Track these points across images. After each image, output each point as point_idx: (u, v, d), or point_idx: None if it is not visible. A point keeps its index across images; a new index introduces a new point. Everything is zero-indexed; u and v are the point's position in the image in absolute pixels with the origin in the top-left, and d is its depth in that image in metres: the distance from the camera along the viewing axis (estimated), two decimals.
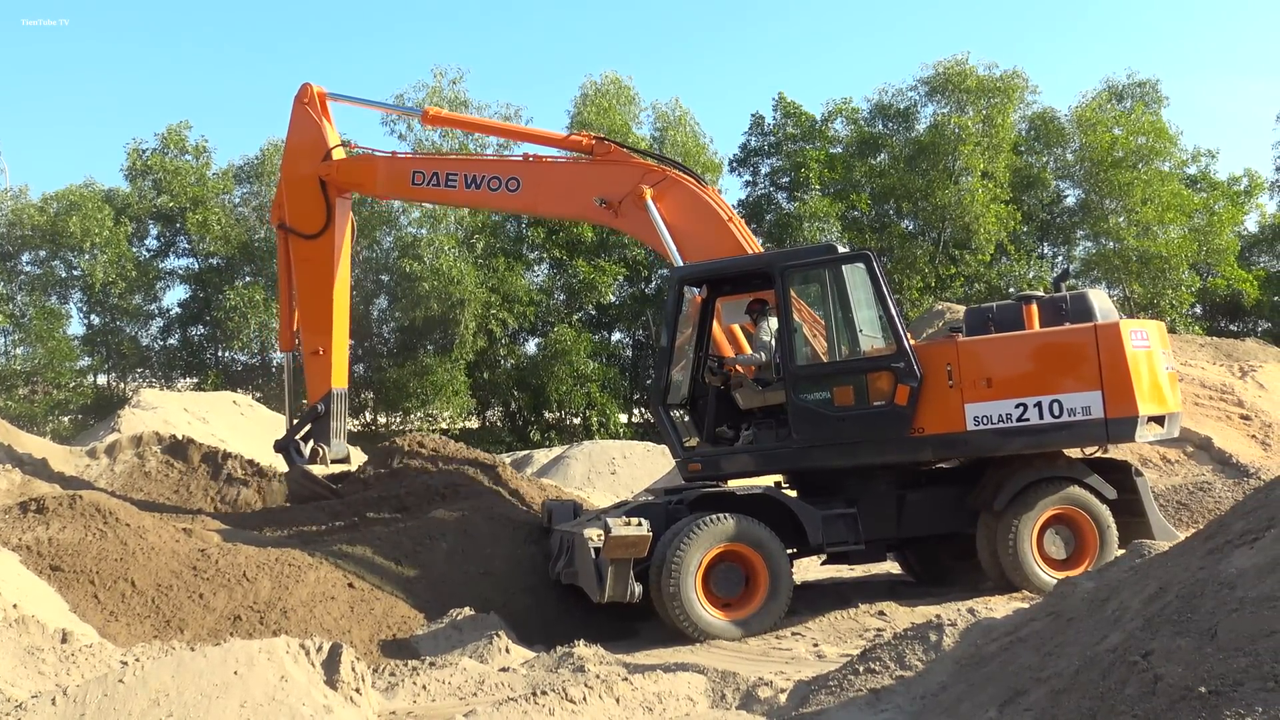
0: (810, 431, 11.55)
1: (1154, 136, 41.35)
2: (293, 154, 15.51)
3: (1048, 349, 11.18)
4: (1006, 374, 11.09)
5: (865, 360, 11.61)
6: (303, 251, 15.17)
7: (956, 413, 11.11)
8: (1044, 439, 11.11)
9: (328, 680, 6.92)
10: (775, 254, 12.43)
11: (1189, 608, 4.40)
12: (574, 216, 21.14)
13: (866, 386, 11.47)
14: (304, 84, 15.32)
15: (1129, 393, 10.77)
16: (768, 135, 44.72)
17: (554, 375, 37.32)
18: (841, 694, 6.54)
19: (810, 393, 11.59)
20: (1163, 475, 17.28)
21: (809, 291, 12.41)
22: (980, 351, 11.28)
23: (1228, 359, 24.39)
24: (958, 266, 40.60)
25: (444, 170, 14.69)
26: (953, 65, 41.06)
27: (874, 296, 11.59)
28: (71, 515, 11.48)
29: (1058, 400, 10.88)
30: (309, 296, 15.22)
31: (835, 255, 11.91)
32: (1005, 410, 10.99)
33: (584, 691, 7.48)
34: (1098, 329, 10.99)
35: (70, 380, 38.45)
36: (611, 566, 10.74)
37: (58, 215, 37.63)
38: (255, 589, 11.03)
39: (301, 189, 15.12)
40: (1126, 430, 10.89)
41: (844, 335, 11.79)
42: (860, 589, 12.91)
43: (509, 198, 14.49)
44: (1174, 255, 39.43)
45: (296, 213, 15.14)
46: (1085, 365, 10.89)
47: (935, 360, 11.28)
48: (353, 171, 15.16)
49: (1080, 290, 11.89)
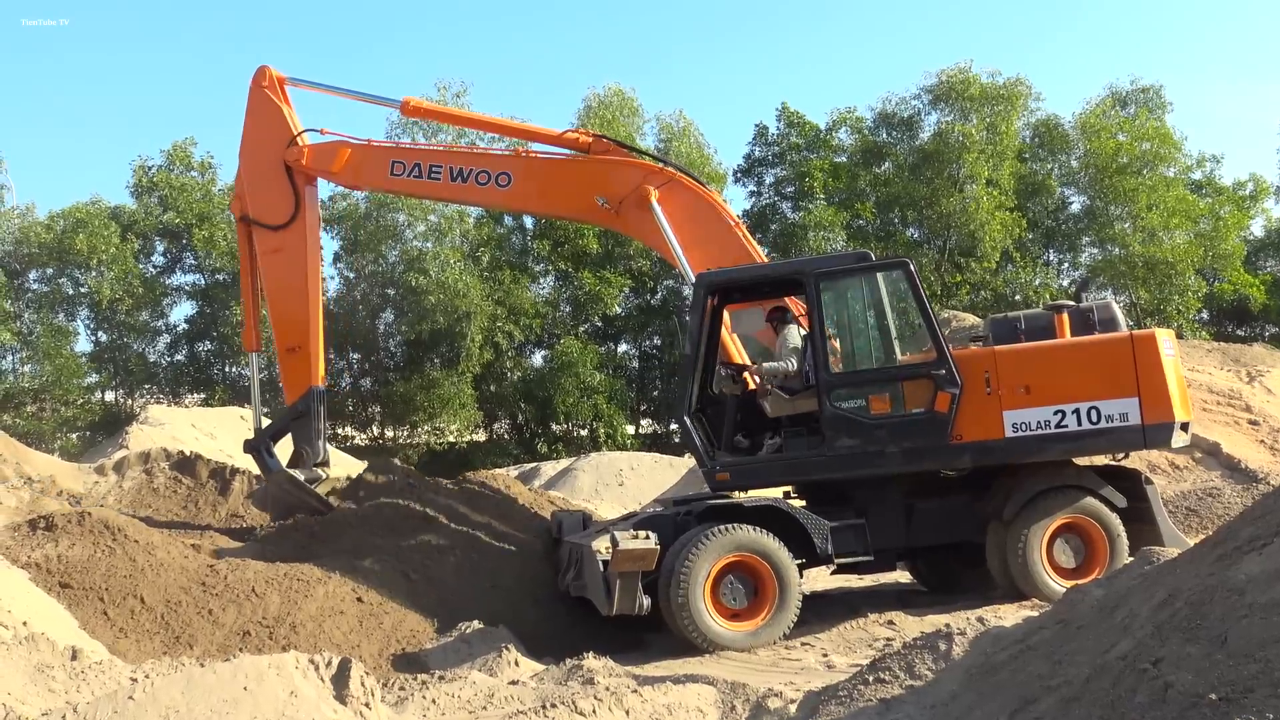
0: (844, 439, 11.50)
1: (1158, 142, 41.35)
2: (253, 141, 14.56)
3: (1085, 357, 11.32)
4: (1045, 381, 11.22)
5: (904, 367, 11.61)
6: (270, 243, 14.32)
7: (995, 420, 11.20)
8: (1082, 445, 11.27)
9: (337, 695, 6.91)
10: (808, 260, 12.46)
11: (1199, 614, 4.39)
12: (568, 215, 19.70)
13: (903, 394, 11.49)
14: (261, 66, 14.46)
15: (1166, 399, 11.02)
16: (772, 145, 44.79)
17: (560, 387, 37.36)
18: (851, 704, 6.52)
19: (845, 400, 11.56)
20: (1171, 481, 17.25)
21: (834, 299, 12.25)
22: (1018, 359, 11.37)
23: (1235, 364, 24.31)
24: (963, 274, 40.63)
25: (427, 161, 13.98)
26: (956, 73, 41.12)
27: (913, 303, 11.69)
28: (80, 532, 11.49)
29: (1095, 407, 11.05)
30: (281, 291, 14.41)
31: (871, 262, 11.98)
32: (1044, 417, 11.12)
33: (593, 704, 7.47)
34: (1134, 338, 11.22)
35: (78, 397, 38.57)
36: (619, 580, 10.73)
37: (64, 233, 37.78)
38: (264, 604, 11.04)
39: (265, 178, 14.30)
40: (1163, 436, 11.13)
41: (879, 343, 11.79)
42: (869, 598, 12.88)
43: (498, 193, 13.88)
44: (1180, 261, 39.43)
45: (261, 202, 14.30)
46: (1122, 373, 11.07)
47: (973, 368, 11.33)
48: (324, 157, 14.23)
49: (1105, 300, 12.08)
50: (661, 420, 42.71)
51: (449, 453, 38.34)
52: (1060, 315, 11.63)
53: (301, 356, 14.27)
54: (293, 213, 14.11)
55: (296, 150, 14.13)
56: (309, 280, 14.29)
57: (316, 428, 14.21)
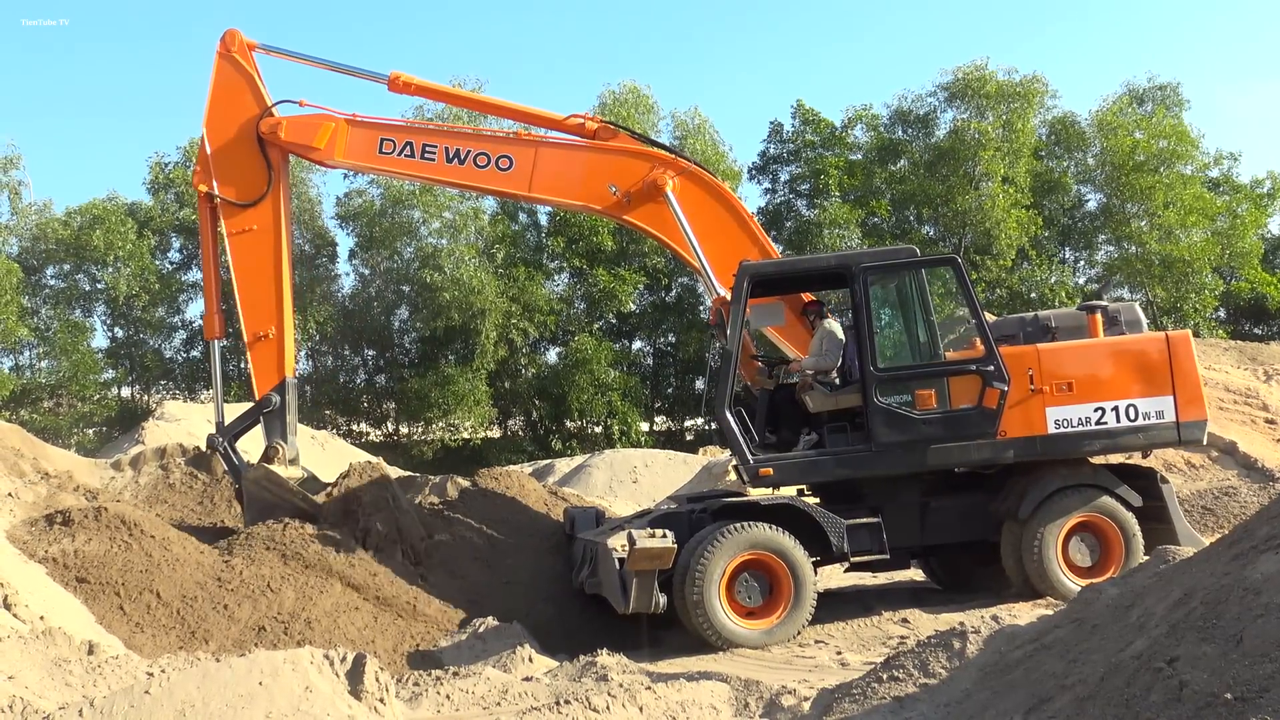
0: (890, 435, 11.50)
1: (1175, 140, 41.15)
2: (219, 111, 13.48)
3: (1124, 356, 11.66)
4: (1086, 379, 11.53)
5: (951, 363, 11.69)
6: (238, 223, 13.36)
7: (1038, 416, 11.44)
8: (1120, 441, 11.59)
9: (352, 690, 6.94)
10: (855, 254, 12.40)
11: (1214, 614, 4.39)
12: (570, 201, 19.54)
13: (949, 389, 11.56)
14: (228, 30, 13.47)
15: (1199, 398, 11.55)
16: (787, 143, 44.69)
17: (575, 384, 37.36)
18: (865, 702, 6.52)
19: (891, 395, 11.59)
20: (1187, 480, 17.21)
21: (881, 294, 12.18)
22: (1061, 357, 11.61)
23: (1252, 363, 24.24)
24: (979, 272, 40.47)
25: (420, 140, 13.25)
26: (972, 70, 40.98)
27: (963, 300, 11.93)
28: (97, 527, 11.54)
29: (1133, 405, 11.44)
30: (249, 274, 13.41)
31: (920, 258, 12.09)
32: (1084, 414, 11.44)
33: (607, 700, 7.48)
34: (1170, 338, 11.68)
35: (94, 393, 38.69)
36: (636, 578, 10.73)
37: (81, 229, 37.89)
38: (279, 600, 11.07)
39: (234, 151, 13.33)
40: (1197, 433, 11.61)
41: (926, 338, 11.81)
42: (883, 596, 12.88)
43: (498, 177, 13.23)
44: (1197, 259, 39.25)
45: (229, 177, 13.31)
46: (1159, 372, 11.51)
47: (1017, 364, 11.49)
48: (304, 130, 13.28)
49: (1130, 302, 12.35)
50: (676, 417, 42.70)
51: (463, 449, 38.36)
52: (1094, 315, 11.94)
53: (271, 345, 13.31)
54: (264, 190, 13.25)
55: (272, 121, 13.23)
56: (280, 262, 13.34)
57: (289, 421, 13.27)
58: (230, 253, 13.48)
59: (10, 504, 12.65)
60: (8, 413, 34.74)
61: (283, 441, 13.17)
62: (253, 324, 13.34)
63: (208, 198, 13.46)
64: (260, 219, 13.27)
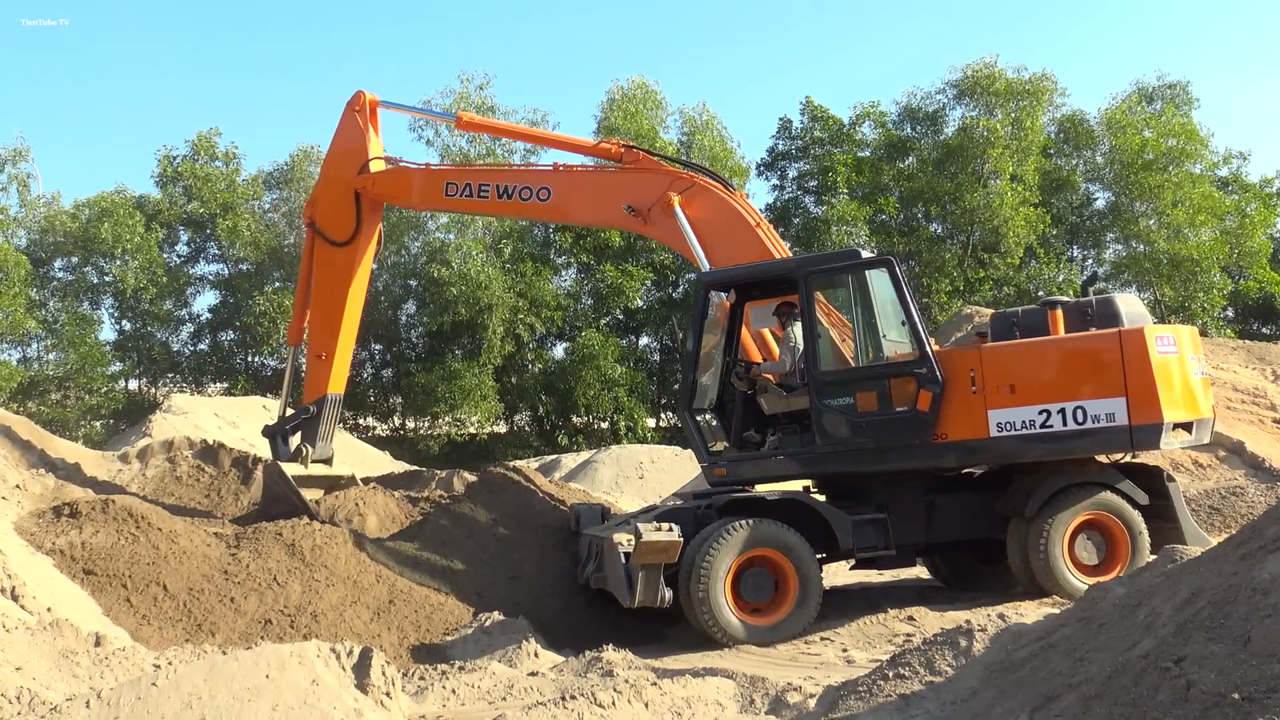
0: (834, 437, 11.56)
1: (1184, 138, 41.09)
2: (334, 159, 15.39)
3: (1072, 355, 11.07)
4: (1030, 380, 11.00)
5: (889, 365, 11.57)
6: (325, 255, 15.00)
7: (980, 419, 11.05)
8: (1067, 446, 11.03)
9: (358, 684, 6.95)
10: (799, 259, 12.42)
11: (1222, 614, 4.38)
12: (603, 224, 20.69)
13: (890, 392, 11.44)
14: (358, 91, 15.16)
15: (1153, 399, 10.66)
16: (795, 139, 44.69)
17: (581, 380, 37.38)
18: (871, 699, 6.52)
19: (834, 398, 11.59)
20: (1195, 480, 17.16)
21: (837, 296, 12.39)
22: (1003, 357, 11.21)
23: (1260, 362, 24.16)
24: (986, 270, 40.45)
25: (476, 181, 14.67)
26: (981, 68, 40.94)
27: (897, 301, 11.57)
28: (104, 520, 11.57)
29: (1081, 407, 10.79)
30: (322, 300, 15.00)
31: (858, 260, 11.93)
32: (1028, 416, 10.92)
33: (613, 696, 7.49)
34: (1122, 335, 10.88)
35: (102, 385, 38.80)
36: (642, 572, 10.76)
37: (89, 222, 38.02)
38: (286, 593, 11.10)
39: (336, 195, 15.00)
40: (1151, 437, 10.79)
41: (867, 340, 11.77)
42: (889, 594, 12.87)
43: (540, 207, 14.47)
44: (1205, 258, 39.20)
45: (328, 217, 14.98)
46: (1110, 371, 10.79)
47: (959, 366, 11.23)
48: (387, 184, 14.98)
49: (1107, 295, 11.78)
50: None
51: (470, 444, 38.42)
52: (1054, 311, 11.36)
53: (324, 364, 14.87)
54: (352, 235, 14.74)
55: (366, 178, 14.76)
56: (349, 300, 14.84)
57: (321, 430, 14.78)
58: (314, 278, 15.17)
59: (18, 496, 12.70)
60: (15, 405, 34.84)
61: (310, 445, 14.67)
62: (315, 343, 15.08)
63: (311, 226, 15.25)
64: (343, 258, 14.81)
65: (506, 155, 38.69)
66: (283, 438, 14.98)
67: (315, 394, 14.88)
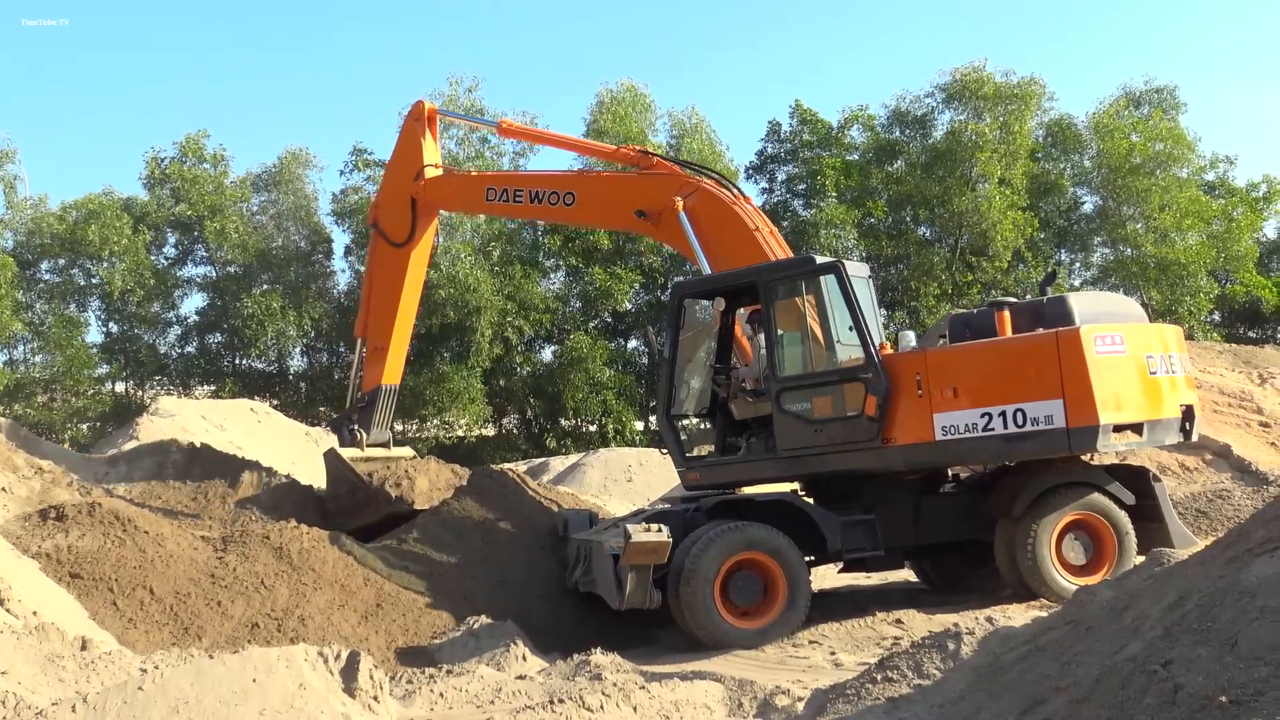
0: (792, 440, 11.64)
1: (1172, 143, 41.19)
2: (394, 166, 16.48)
3: (1011, 357, 11.02)
4: (971, 383, 10.96)
5: (841, 371, 11.66)
6: (384, 255, 16.01)
7: (926, 422, 11.03)
8: (1009, 449, 11.00)
9: (346, 688, 6.93)
10: (758, 267, 12.44)
11: (1209, 616, 4.39)
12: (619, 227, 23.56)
13: (844, 396, 11.53)
14: (418, 101, 16.16)
15: (1089, 401, 10.51)
16: (784, 142, 44.66)
17: (570, 383, 37.33)
18: (859, 703, 6.53)
19: (793, 403, 11.69)
20: (1182, 483, 17.21)
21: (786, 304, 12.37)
22: (947, 361, 11.23)
23: (1246, 366, 24.26)
24: (974, 273, 40.50)
25: (512, 186, 15.46)
26: (970, 72, 40.96)
27: (845, 307, 11.59)
28: (90, 523, 11.52)
29: (1021, 409, 10.69)
30: (381, 296, 16.04)
31: (811, 266, 11.98)
32: (971, 420, 10.86)
33: (601, 699, 7.48)
34: (1059, 336, 10.75)
35: (89, 388, 38.63)
36: (632, 573, 10.76)
37: (77, 224, 37.84)
38: (273, 596, 11.07)
39: (396, 198, 15.94)
40: (1088, 440, 10.65)
41: (823, 345, 11.84)
42: (878, 597, 12.88)
43: (565, 211, 15.18)
44: (1192, 262, 39.30)
45: (388, 219, 15.95)
46: (1047, 373, 10.68)
47: (906, 370, 11.24)
48: (438, 189, 15.83)
49: (1061, 294, 11.66)
50: None
51: (458, 447, 38.31)
52: (1001, 312, 11.28)
53: (380, 356, 15.91)
54: (408, 238, 15.62)
55: (420, 184, 15.57)
56: (403, 298, 15.80)
57: (376, 418, 15.86)
58: (375, 276, 16.37)
59: (4, 499, 12.64)
60: (2, 407, 34.71)
61: (365, 431, 15.81)
62: (374, 336, 16.12)
63: (374, 227, 16.35)
64: (400, 258, 15.72)
65: (495, 158, 38.69)
66: (347, 426, 16.19)
67: (371, 384, 15.97)
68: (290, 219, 41.52)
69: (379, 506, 14.77)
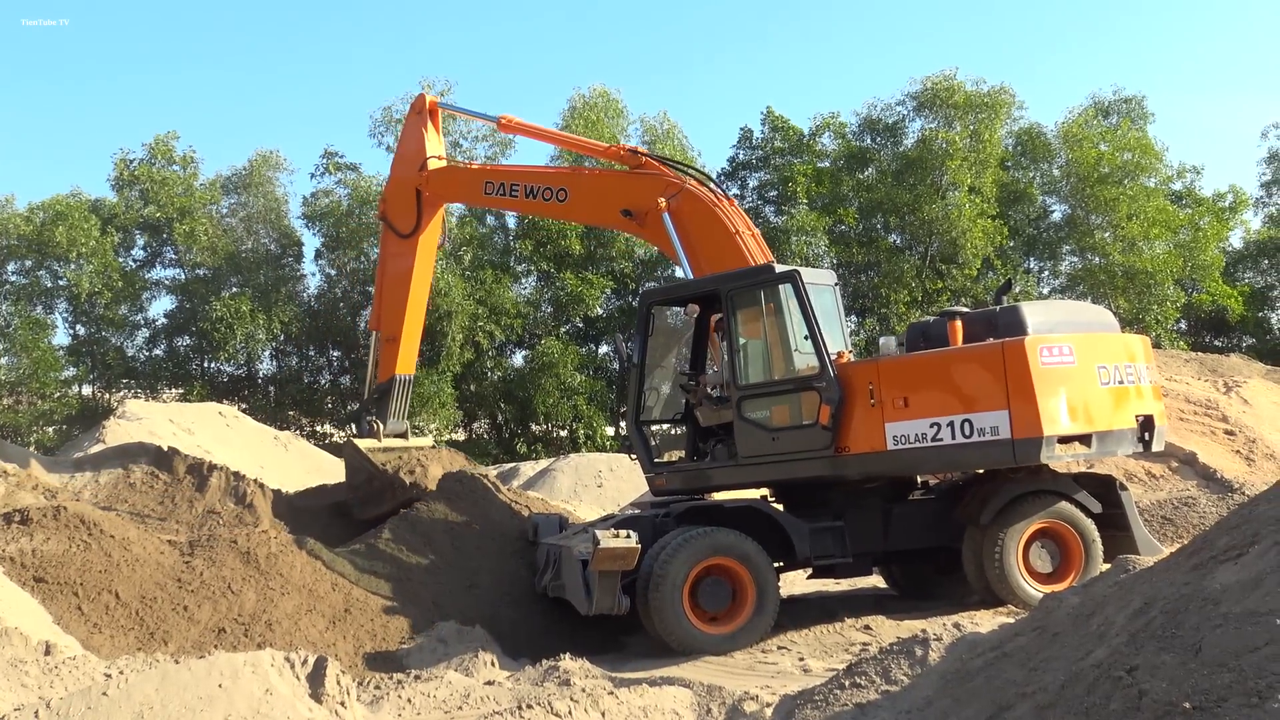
0: (752, 448, 11.71)
1: (1140, 152, 41.54)
2: (399, 158, 16.83)
3: (959, 367, 11.02)
4: (921, 393, 10.97)
5: (797, 380, 11.69)
6: (393, 247, 16.41)
7: (878, 432, 11.05)
8: (957, 459, 11.06)
9: (312, 693, 6.89)
10: (719, 276, 12.46)
11: (1174, 623, 4.41)
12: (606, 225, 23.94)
13: (800, 405, 11.58)
14: (419, 94, 16.52)
15: (1033, 413, 10.42)
16: (756, 149, 44.76)
17: (541, 388, 37.28)
18: (827, 708, 6.54)
19: (752, 410, 11.78)
20: (1148, 490, 17.33)
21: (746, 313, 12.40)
22: (897, 371, 11.25)
23: (1212, 374, 24.46)
24: (944, 281, 40.68)
25: (509, 181, 15.58)
26: (941, 81, 41.17)
27: (801, 317, 11.61)
28: (55, 526, 11.42)
29: (969, 420, 10.66)
30: (391, 288, 16.32)
31: (769, 276, 12.00)
32: (921, 430, 10.86)
33: (569, 705, 7.46)
34: (1005, 347, 10.68)
35: (55, 391, 38.27)
36: (599, 578, 10.75)
37: (44, 225, 37.49)
38: (240, 601, 11.00)
39: (401, 190, 16.28)
40: (1032, 451, 10.54)
41: (781, 354, 11.87)
42: (846, 603, 12.91)
43: (558, 207, 15.33)
44: (1159, 271, 39.60)
45: (395, 210, 16.30)
46: (993, 384, 10.64)
47: (859, 379, 11.27)
48: (440, 181, 15.99)
49: (1014, 304, 11.63)
50: None
51: None
52: (953, 322, 11.26)
53: (394, 347, 16.18)
54: (414, 228, 15.88)
55: (423, 175, 15.83)
56: (413, 289, 16.08)
57: (392, 408, 16.19)
58: (385, 268, 16.70)
59: None
60: None
61: (382, 422, 16.09)
62: (386, 328, 16.40)
63: (383, 219, 16.68)
64: (408, 249, 16.03)
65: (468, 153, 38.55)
66: (364, 417, 16.59)
67: (386, 374, 16.26)
68: (260, 222, 41.29)
69: (394, 494, 14.90)
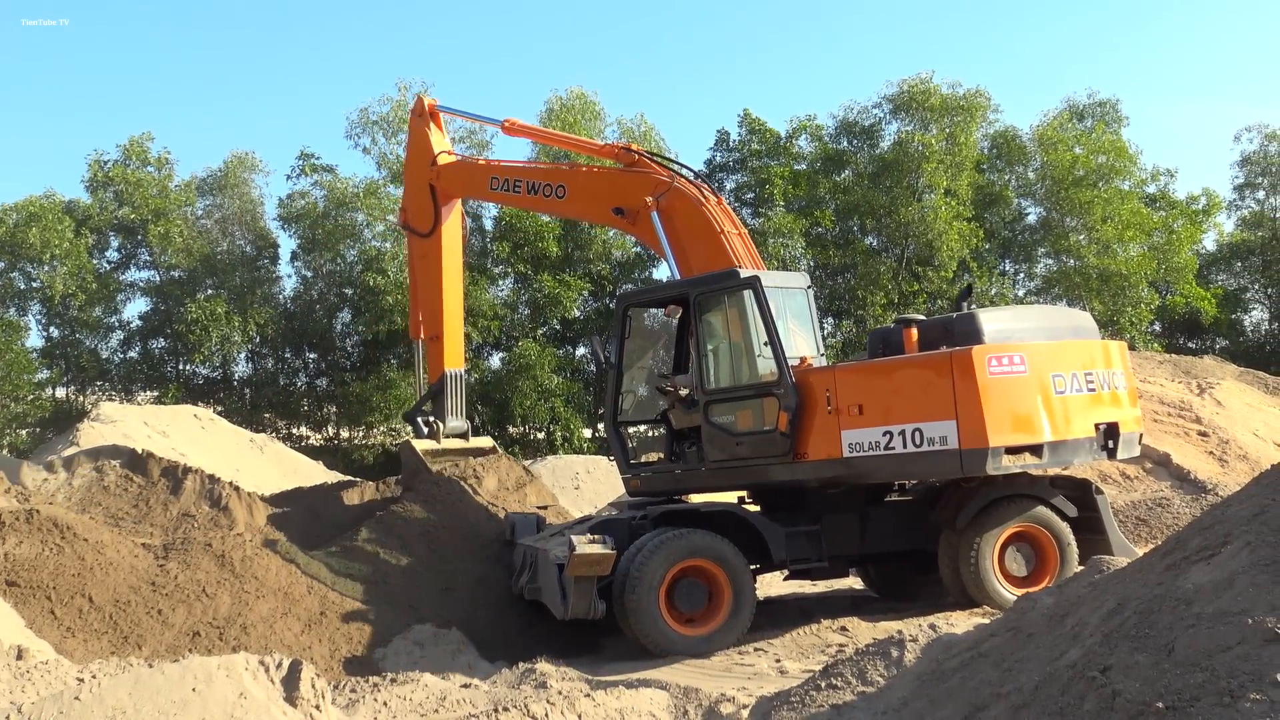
0: (718, 452, 11.76)
1: (1114, 155, 41.74)
2: (409, 161, 17.15)
3: (911, 376, 11.01)
4: (874, 401, 10.97)
5: (758, 385, 11.71)
6: (419, 249, 16.64)
7: (835, 438, 11.06)
8: (907, 467, 11.06)
9: (287, 697, 6.86)
10: (688, 280, 12.50)
11: (1147, 623, 4.44)
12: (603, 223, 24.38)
13: (762, 411, 11.61)
14: (419, 96, 16.87)
15: (980, 423, 10.39)
16: (732, 151, 44.77)
17: (518, 390, 37.19)
18: (804, 710, 6.55)
19: (718, 415, 11.83)
20: (1122, 491, 17.42)
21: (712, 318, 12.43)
22: (852, 378, 11.27)
23: (1186, 376, 24.62)
24: (920, 283, 40.80)
25: (513, 177, 15.71)
26: (917, 84, 41.28)
27: (761, 323, 11.62)
28: (28, 530, 11.34)
29: (919, 429, 10.64)
30: (425, 288, 16.55)
31: (733, 281, 11.99)
32: (874, 438, 10.86)
33: (546, 708, 7.46)
34: (952, 356, 10.65)
35: (28, 393, 37.95)
36: (575, 584, 10.74)
37: (17, 226, 37.16)
38: (215, 605, 10.95)
39: (417, 192, 16.50)
40: (978, 462, 10.50)
41: (745, 359, 11.89)
42: (823, 604, 12.94)
43: (556, 204, 15.58)
44: (1133, 273, 39.81)
45: (414, 213, 16.55)
46: (941, 393, 10.60)
47: (817, 386, 11.28)
48: (450, 175, 16.18)
49: (970, 311, 11.59)
50: None
51: None
52: (909, 329, 11.22)
53: (439, 345, 16.28)
54: (433, 225, 16.08)
55: (435, 170, 16.06)
56: (445, 285, 16.21)
57: (448, 405, 16.20)
58: (417, 272, 16.98)
59: None
60: None
61: (441, 421, 16.13)
62: (429, 327, 16.51)
63: (405, 227, 17.05)
64: (432, 247, 16.22)
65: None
66: (420, 419, 16.44)
67: (436, 373, 16.36)
68: (236, 224, 41.05)
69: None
